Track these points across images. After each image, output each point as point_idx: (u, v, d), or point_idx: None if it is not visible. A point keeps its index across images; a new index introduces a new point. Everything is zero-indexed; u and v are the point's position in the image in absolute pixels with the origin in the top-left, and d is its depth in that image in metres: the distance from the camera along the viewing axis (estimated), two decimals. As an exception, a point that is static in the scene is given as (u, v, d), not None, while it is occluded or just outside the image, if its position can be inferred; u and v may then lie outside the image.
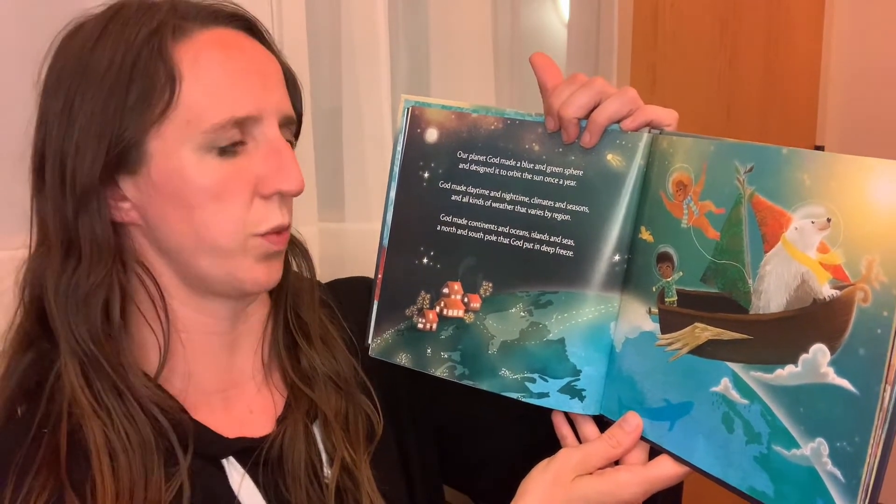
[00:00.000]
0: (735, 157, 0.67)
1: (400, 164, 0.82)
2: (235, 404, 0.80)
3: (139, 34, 0.69)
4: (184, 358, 0.77)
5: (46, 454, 0.69)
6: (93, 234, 0.71)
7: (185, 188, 0.70)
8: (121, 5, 0.73)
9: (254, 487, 0.75)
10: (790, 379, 0.62)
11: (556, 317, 0.77)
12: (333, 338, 0.84)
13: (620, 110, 0.74)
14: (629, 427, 0.73)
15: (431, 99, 0.81)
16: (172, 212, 0.71)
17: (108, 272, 0.71)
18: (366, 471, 0.78)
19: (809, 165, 0.61)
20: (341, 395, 0.82)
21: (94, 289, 0.71)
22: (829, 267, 0.59)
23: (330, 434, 0.79)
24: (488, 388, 0.78)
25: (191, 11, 0.73)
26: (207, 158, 0.70)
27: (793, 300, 0.62)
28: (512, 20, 1.53)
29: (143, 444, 0.70)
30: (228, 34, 0.74)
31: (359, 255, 1.24)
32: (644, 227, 0.75)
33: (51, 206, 0.72)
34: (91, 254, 0.71)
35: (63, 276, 0.71)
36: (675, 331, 0.71)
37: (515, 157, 0.78)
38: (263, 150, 0.73)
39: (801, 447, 0.61)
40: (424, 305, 0.81)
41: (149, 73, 0.69)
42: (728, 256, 0.67)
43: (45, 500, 0.67)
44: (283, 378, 0.82)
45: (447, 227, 0.80)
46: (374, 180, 1.25)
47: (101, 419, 0.69)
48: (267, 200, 0.73)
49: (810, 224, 0.61)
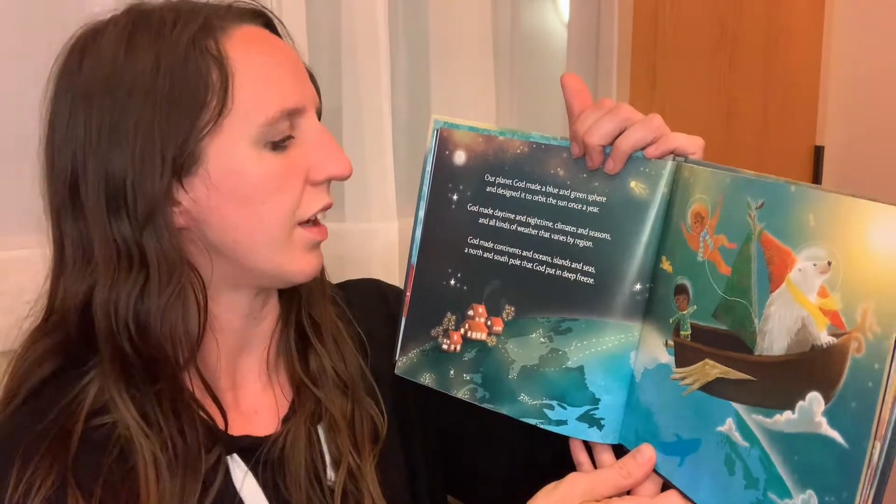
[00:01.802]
0: (748, 192, 0.65)
1: (429, 185, 0.83)
2: (242, 402, 0.81)
3: (182, 36, 0.69)
4: (214, 355, 0.78)
5: (55, 443, 0.69)
6: (160, 246, 0.71)
7: (244, 184, 0.72)
8: (139, 12, 0.72)
9: (256, 486, 0.77)
10: (787, 426, 0.60)
11: (576, 344, 0.76)
12: (344, 338, 0.86)
13: (645, 138, 0.73)
14: (642, 459, 0.72)
15: (460, 120, 0.82)
16: (230, 208, 0.72)
17: (181, 283, 0.71)
18: (370, 474, 0.80)
19: (815, 205, 0.59)
20: (348, 397, 0.83)
21: (171, 301, 0.71)
22: (828, 313, 0.57)
23: (335, 436, 0.80)
24: (508, 412, 0.79)
25: (222, 10, 0.74)
26: (264, 154, 0.72)
27: (793, 344, 0.60)
28: (512, 20, 1.52)
29: (189, 461, 0.71)
30: (257, 31, 0.76)
31: (359, 255, 1.26)
32: (665, 256, 0.73)
33: (95, 225, 0.70)
34: (160, 266, 0.71)
35: (122, 292, 0.70)
36: (689, 365, 0.70)
37: (541, 181, 0.78)
38: (310, 140, 0.75)
39: (792, 497, 0.59)
40: (450, 327, 0.82)
41: (201, 74, 0.69)
42: (737, 293, 0.65)
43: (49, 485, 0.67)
44: (289, 378, 0.84)
45: (474, 249, 0.81)
46: (374, 180, 1.26)
47: (149, 438, 0.70)
48: (316, 187, 0.76)
49: (812, 266, 0.59)
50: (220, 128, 0.70)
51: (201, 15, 0.72)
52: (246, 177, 0.72)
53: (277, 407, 0.82)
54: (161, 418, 0.72)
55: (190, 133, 0.69)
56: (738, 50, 1.91)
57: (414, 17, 1.37)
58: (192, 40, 0.70)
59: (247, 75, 0.71)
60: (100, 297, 0.71)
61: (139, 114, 0.69)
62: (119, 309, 0.71)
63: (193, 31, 0.70)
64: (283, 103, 0.72)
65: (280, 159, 0.73)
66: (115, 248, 0.71)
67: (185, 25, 0.70)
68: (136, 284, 0.71)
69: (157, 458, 0.70)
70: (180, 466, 0.71)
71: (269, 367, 0.84)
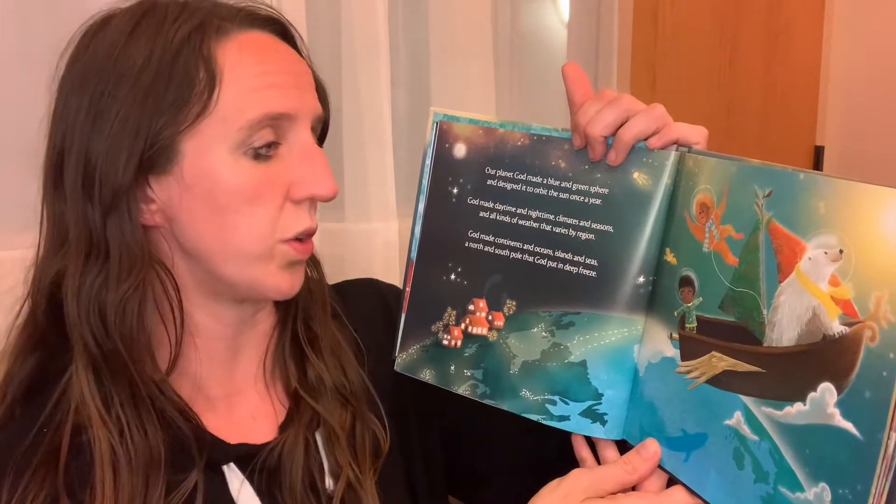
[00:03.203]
0: (755, 180, 0.64)
1: (429, 178, 0.82)
2: (238, 410, 0.80)
3: (178, 33, 0.69)
4: (195, 361, 0.77)
5: (46, 455, 0.69)
6: (122, 238, 0.70)
7: (217, 190, 0.70)
8: (152, 3, 0.72)
9: (253, 494, 0.75)
10: (798, 418, 0.58)
11: (578, 338, 0.75)
12: (345, 351, 0.84)
13: (647, 128, 0.72)
14: (647, 454, 0.71)
15: (459, 112, 0.81)
16: (202, 213, 0.71)
17: (140, 278, 0.70)
18: (371, 489, 0.78)
19: (825, 192, 0.58)
20: (348, 410, 0.81)
21: (128, 294, 0.70)
22: (840, 301, 0.56)
23: (334, 448, 0.79)
24: (509, 408, 0.77)
25: (229, 13, 0.73)
26: (242, 161, 0.70)
27: (804, 334, 0.58)
28: (512, 20, 1.51)
29: (149, 458, 0.70)
30: (264, 37, 0.74)
31: (359, 256, 1.25)
32: (669, 248, 0.72)
33: (71, 207, 0.70)
34: (121, 259, 0.70)
35: (87, 279, 0.70)
36: (695, 358, 0.68)
37: (542, 174, 0.77)
38: (297, 154, 0.73)
39: (804, 490, 0.57)
40: (450, 322, 0.80)
41: (189, 73, 0.68)
42: (745, 284, 0.64)
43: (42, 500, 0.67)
44: (285, 388, 0.82)
45: (475, 243, 0.80)
46: (374, 180, 1.25)
47: (110, 430, 0.69)
48: (297, 205, 0.73)
49: (823, 254, 0.57)
50: (199, 128, 0.69)
51: (203, 13, 0.71)
52: (219, 182, 0.70)
53: (276, 414, 0.81)
54: (120, 411, 0.70)
55: (165, 128, 0.68)
56: (738, 50, 1.90)
57: (414, 17, 1.37)
58: (187, 38, 0.69)
59: (235, 80, 0.69)
60: (69, 282, 0.71)
61: (122, 101, 0.68)
62: (82, 296, 0.70)
63: (190, 28, 0.69)
64: (267, 108, 0.70)
65: (259, 169, 0.71)
66: (87, 233, 0.70)
67: (185, 22, 0.69)
68: (99, 274, 0.70)
69: (116, 452, 0.69)
70: (141, 467, 0.69)
71: (266, 375, 0.82)
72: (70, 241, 0.71)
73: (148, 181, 0.71)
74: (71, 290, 0.70)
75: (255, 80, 0.70)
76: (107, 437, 0.69)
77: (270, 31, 0.75)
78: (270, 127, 0.71)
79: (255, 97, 0.70)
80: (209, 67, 0.69)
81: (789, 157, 2.10)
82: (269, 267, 0.73)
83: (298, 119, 0.73)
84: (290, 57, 0.75)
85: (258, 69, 0.71)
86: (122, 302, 0.70)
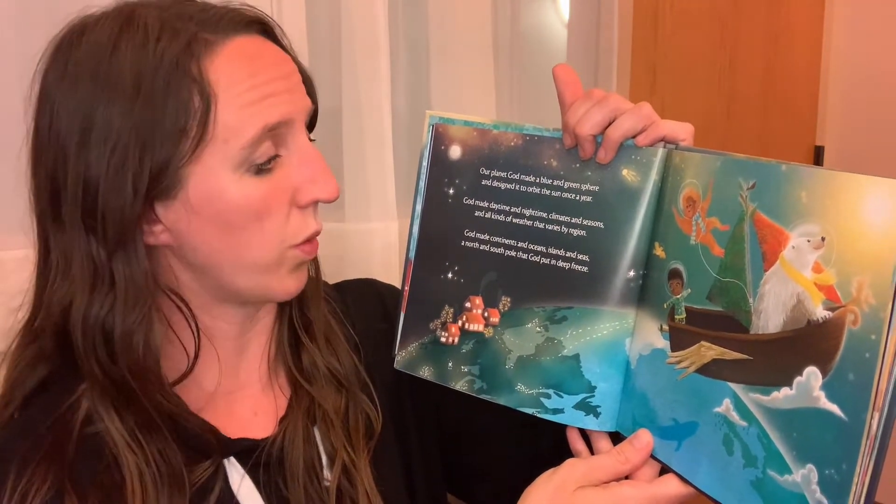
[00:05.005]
0: (739, 173, 0.65)
1: (426, 180, 0.84)
2: (240, 406, 0.81)
3: (164, 57, 0.67)
4: (202, 364, 0.77)
5: (52, 448, 0.69)
6: (129, 272, 0.70)
7: (225, 210, 0.70)
8: (131, 10, 0.70)
9: (253, 488, 0.76)
10: (785, 402, 0.60)
11: (571, 332, 0.76)
12: (337, 336, 0.85)
13: (635, 126, 0.74)
14: (639, 444, 0.72)
15: (454, 114, 0.83)
16: (212, 234, 0.71)
17: (147, 308, 0.70)
18: (365, 470, 0.79)
19: (808, 182, 0.60)
20: (342, 393, 0.82)
21: (134, 326, 0.70)
22: (823, 287, 0.57)
23: (329, 432, 0.80)
24: (505, 402, 0.79)
25: (213, 21, 0.70)
26: (246, 178, 0.70)
27: (789, 321, 0.60)
28: (512, 20, 1.51)
29: (174, 477, 0.71)
30: (250, 42, 0.72)
31: (359, 255, 1.25)
32: (658, 242, 0.74)
33: (73, 239, 0.70)
34: (127, 291, 0.70)
35: (93, 310, 0.70)
36: (684, 349, 0.70)
37: (534, 173, 0.79)
38: (297, 158, 0.73)
39: (792, 472, 0.59)
40: (448, 319, 0.82)
41: (183, 99, 0.67)
42: (731, 274, 0.65)
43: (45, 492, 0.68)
44: (287, 378, 0.83)
45: (470, 242, 0.81)
46: (374, 180, 1.25)
47: (134, 452, 0.70)
48: (303, 210, 0.74)
49: (806, 243, 0.59)
50: (201, 154, 0.68)
51: (188, 31, 0.68)
52: (227, 202, 0.70)
53: (276, 408, 0.82)
54: (141, 437, 0.71)
55: (169, 161, 0.67)
56: (738, 50, 1.90)
57: (414, 17, 1.37)
58: (176, 63, 0.67)
59: (229, 98, 0.68)
60: (76, 313, 0.70)
61: (117, 127, 0.67)
62: (88, 328, 0.70)
63: (177, 51, 0.67)
64: (264, 120, 0.69)
65: (263, 183, 0.71)
66: (92, 266, 0.70)
67: (170, 41, 0.67)
68: (104, 305, 0.70)
69: (143, 472, 0.70)
70: (166, 484, 0.71)
71: (269, 367, 0.83)
72: (74, 273, 0.70)
73: (153, 207, 0.70)
74: (78, 320, 0.70)
75: (248, 94, 0.69)
76: (134, 459, 0.70)
77: (255, 32, 0.74)
78: (270, 139, 0.70)
79: (251, 112, 0.69)
80: (202, 89, 0.67)
81: (789, 158, 2.08)
82: (279, 273, 0.74)
83: (295, 122, 0.73)
84: (277, 58, 0.74)
85: (250, 82, 0.69)
86: (128, 333, 0.70)
